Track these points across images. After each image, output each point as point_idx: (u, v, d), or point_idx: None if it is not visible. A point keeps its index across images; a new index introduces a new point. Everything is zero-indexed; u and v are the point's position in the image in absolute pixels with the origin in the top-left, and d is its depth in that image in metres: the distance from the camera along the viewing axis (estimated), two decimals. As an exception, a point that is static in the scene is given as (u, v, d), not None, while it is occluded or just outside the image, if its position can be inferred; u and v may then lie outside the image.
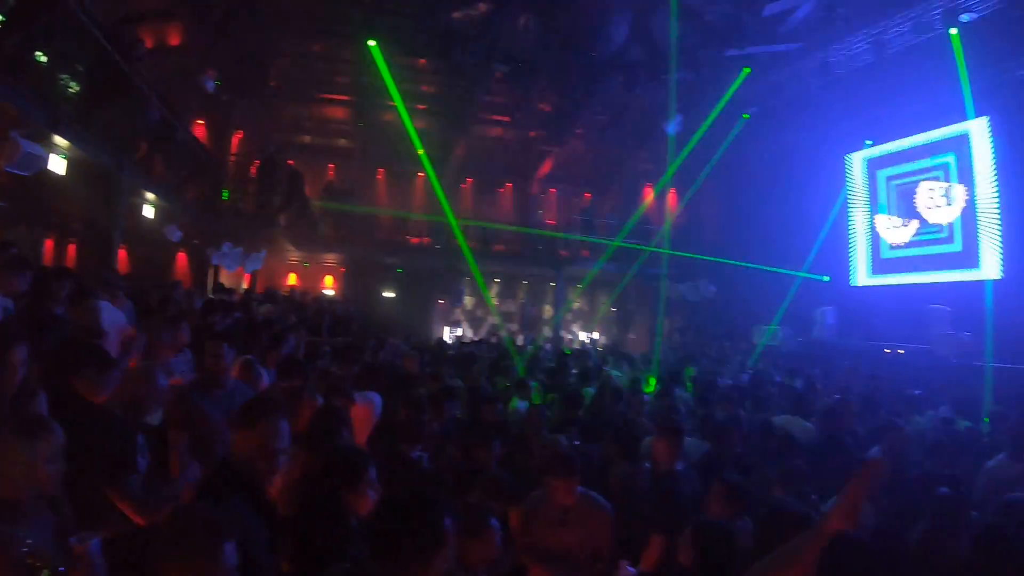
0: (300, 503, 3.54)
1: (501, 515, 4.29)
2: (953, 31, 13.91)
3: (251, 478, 3.01)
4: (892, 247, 17.98)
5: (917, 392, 9.65)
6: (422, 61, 18.47)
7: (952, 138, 16.45)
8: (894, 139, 17.89)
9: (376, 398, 6.15)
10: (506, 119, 21.53)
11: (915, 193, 17.18)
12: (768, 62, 17.31)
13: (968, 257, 15.94)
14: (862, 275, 19.09)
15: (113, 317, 5.67)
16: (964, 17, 13.96)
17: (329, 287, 22.29)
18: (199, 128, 18.84)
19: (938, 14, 14.24)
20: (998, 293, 14.40)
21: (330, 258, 22.19)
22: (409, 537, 2.48)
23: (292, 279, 21.75)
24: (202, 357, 5.19)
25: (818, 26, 15.77)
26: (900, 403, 9.04)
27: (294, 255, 21.66)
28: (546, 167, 24.70)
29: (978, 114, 15.23)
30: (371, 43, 15.37)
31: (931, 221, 16.85)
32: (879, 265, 18.52)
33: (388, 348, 11.28)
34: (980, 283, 15.08)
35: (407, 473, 4.80)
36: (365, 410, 5.88)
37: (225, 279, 17.02)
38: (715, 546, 3.49)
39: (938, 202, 16.66)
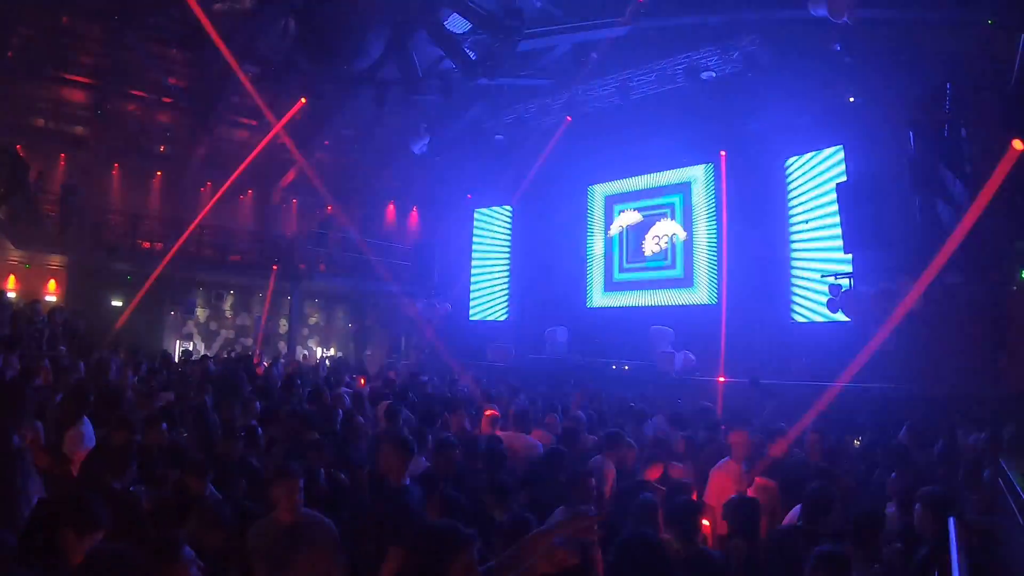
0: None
1: (219, 547, 4.04)
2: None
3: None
4: (622, 270, 19.69)
5: (633, 404, 10.35)
6: (174, 51, 17.40)
7: (679, 183, 18.60)
8: (632, 175, 19.36)
9: (85, 424, 5.64)
10: (253, 123, 20.70)
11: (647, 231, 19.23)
12: (518, 94, 17.94)
13: (687, 282, 18.27)
14: (597, 297, 20.45)
15: None
16: (705, 75, 15.27)
17: (52, 292, 20.18)
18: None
19: (682, 68, 15.47)
20: (712, 316, 16.51)
21: (54, 260, 19.85)
22: None
23: (11, 282, 19.53)
24: None
25: (570, 66, 16.55)
26: (624, 415, 9.60)
27: (14, 254, 19.30)
28: (289, 176, 24.08)
29: (707, 161, 16.99)
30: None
31: (645, 252, 19.10)
32: (611, 285, 20.08)
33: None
34: (698, 307, 17.45)
35: (113, 508, 4.41)
36: (73, 439, 5.39)
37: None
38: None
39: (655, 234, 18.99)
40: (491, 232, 23.57)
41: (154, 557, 3.07)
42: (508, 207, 22.94)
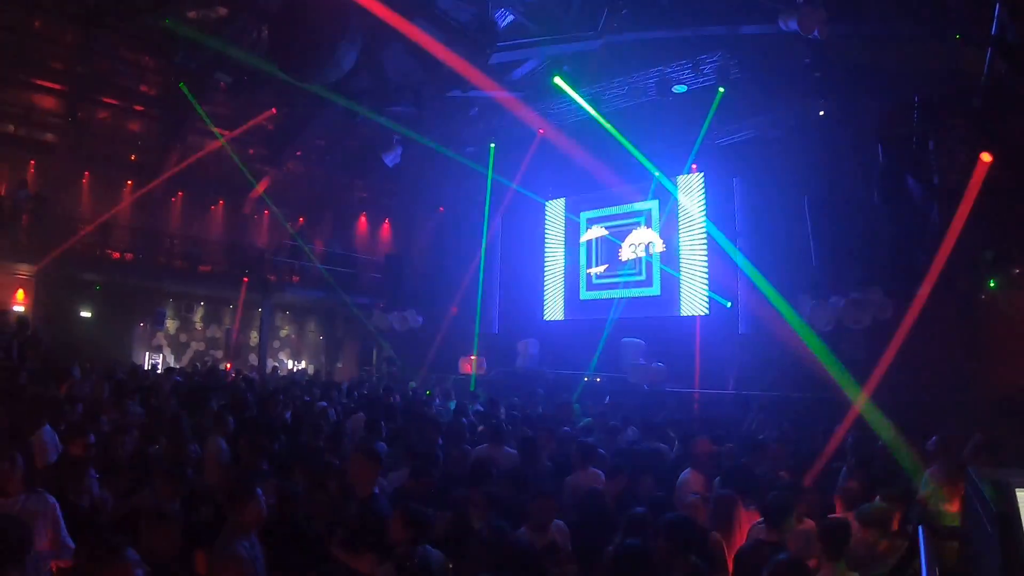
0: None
1: (174, 556, 3.98)
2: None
3: None
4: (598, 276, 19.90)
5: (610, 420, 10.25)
6: (147, 58, 17.23)
7: (651, 195, 18.86)
8: (600, 185, 19.23)
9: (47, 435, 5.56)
10: (226, 133, 20.53)
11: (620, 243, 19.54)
12: (490, 107, 17.94)
13: (657, 292, 18.63)
14: (568, 308, 20.58)
15: None
16: (676, 88, 15.36)
17: (20, 302, 19.70)
18: None
19: (653, 82, 15.54)
20: (682, 327, 16.77)
21: (23, 269, 19.11)
22: None
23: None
24: None
25: (543, 79, 16.56)
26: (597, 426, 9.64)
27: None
28: (261, 187, 23.84)
29: (677, 173, 17.07)
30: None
31: (622, 259, 19.34)
32: (589, 286, 20.24)
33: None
34: (670, 319, 17.59)
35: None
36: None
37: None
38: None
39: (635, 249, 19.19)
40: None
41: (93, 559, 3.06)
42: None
